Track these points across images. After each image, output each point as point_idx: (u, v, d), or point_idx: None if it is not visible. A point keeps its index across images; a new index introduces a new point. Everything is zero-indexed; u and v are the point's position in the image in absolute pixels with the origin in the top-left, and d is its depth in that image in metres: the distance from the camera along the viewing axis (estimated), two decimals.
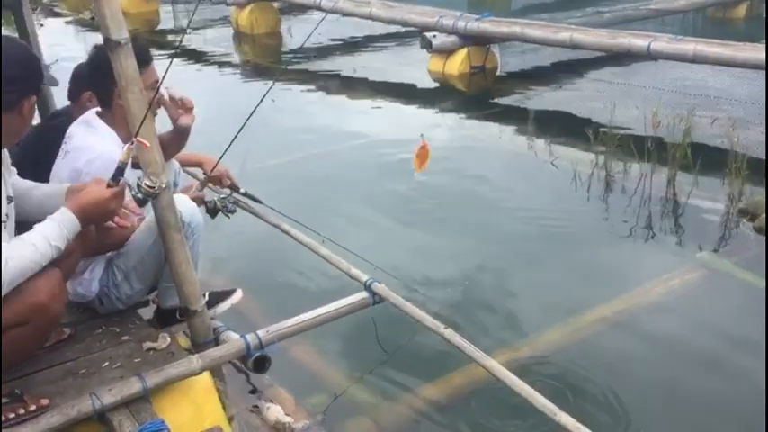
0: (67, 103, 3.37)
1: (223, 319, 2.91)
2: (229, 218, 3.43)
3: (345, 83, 9.03)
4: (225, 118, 3.98)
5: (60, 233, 2.20)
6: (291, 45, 11.56)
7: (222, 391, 2.69)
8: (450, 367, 3.24)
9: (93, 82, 2.87)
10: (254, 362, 2.69)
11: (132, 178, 2.38)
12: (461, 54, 8.84)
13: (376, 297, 2.97)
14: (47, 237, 2.16)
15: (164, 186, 2.39)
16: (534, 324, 3.68)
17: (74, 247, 2.31)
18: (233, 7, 12.46)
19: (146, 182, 2.33)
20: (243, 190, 3.66)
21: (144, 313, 2.95)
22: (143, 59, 2.55)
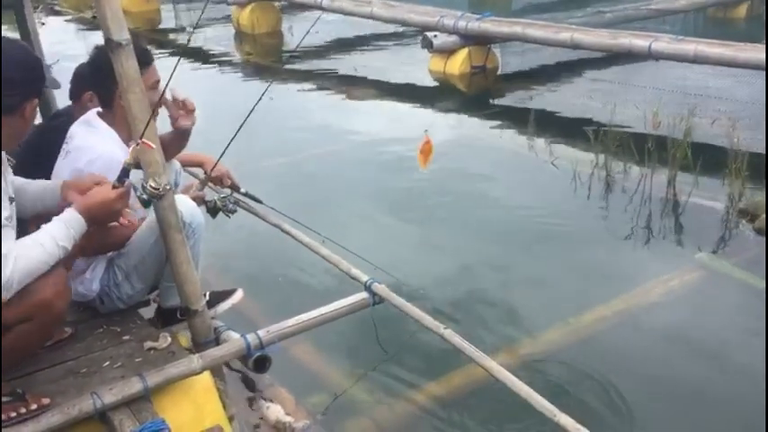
0: (69, 102, 3.37)
1: (224, 319, 2.92)
2: (230, 218, 3.44)
3: (346, 82, 9.02)
4: (225, 117, 3.99)
5: (67, 233, 2.22)
6: (292, 44, 11.55)
7: (223, 391, 2.71)
8: (450, 367, 3.25)
9: (95, 82, 2.87)
10: (254, 362, 2.69)
11: (132, 178, 2.40)
12: (462, 54, 8.85)
13: (376, 297, 2.97)
14: (54, 237, 2.19)
15: (168, 188, 2.40)
16: (534, 324, 3.69)
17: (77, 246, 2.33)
18: (234, 6, 12.45)
19: (151, 183, 2.35)
20: (243, 190, 3.66)
21: (145, 313, 2.96)
22: (143, 60, 2.56)
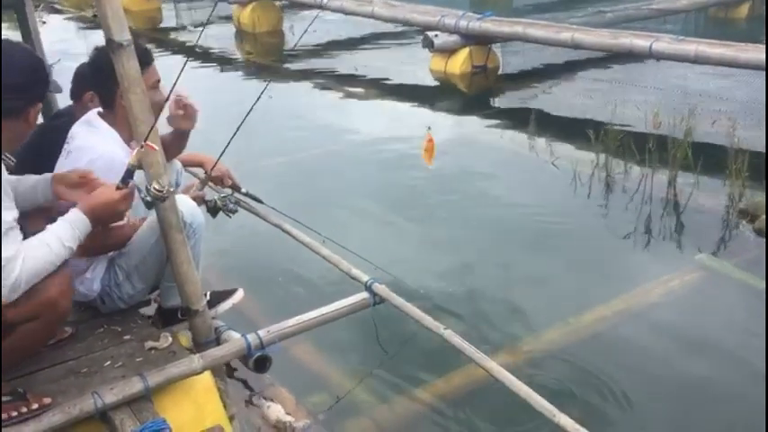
0: (70, 102, 3.38)
1: (224, 319, 2.93)
2: (230, 217, 3.44)
3: (346, 82, 9.01)
4: (225, 117, 3.99)
5: (73, 234, 2.25)
6: (293, 43, 11.56)
7: (223, 391, 2.71)
8: (450, 368, 3.25)
9: (96, 82, 2.88)
10: (255, 361, 2.71)
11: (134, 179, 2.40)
12: (463, 53, 8.84)
13: (376, 298, 2.98)
14: (60, 238, 2.22)
15: (171, 190, 2.41)
16: (534, 324, 3.69)
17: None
18: (235, 5, 12.45)
19: (155, 186, 2.36)
20: (244, 189, 3.67)
21: (146, 313, 2.97)
22: (144, 60, 2.57)
